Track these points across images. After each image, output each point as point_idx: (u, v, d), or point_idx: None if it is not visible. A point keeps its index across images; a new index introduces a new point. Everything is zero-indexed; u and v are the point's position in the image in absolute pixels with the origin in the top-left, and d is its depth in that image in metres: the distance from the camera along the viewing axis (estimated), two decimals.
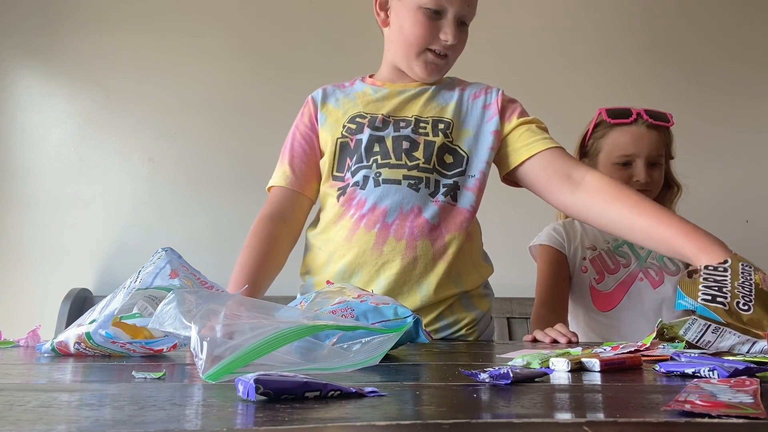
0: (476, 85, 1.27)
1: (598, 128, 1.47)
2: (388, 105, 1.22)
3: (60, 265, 2.00)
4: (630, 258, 1.42)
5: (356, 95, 1.26)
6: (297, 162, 1.24)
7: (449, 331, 1.16)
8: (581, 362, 0.61)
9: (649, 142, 1.42)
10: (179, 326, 0.60)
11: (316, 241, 1.21)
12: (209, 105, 2.07)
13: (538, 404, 0.42)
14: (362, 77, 1.31)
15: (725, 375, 0.53)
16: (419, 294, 1.12)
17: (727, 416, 0.36)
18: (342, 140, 1.21)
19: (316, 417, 0.37)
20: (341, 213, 1.17)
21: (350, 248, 1.14)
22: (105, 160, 2.06)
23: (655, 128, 1.43)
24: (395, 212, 1.13)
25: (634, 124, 1.43)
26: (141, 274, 0.80)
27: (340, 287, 0.90)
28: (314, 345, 0.61)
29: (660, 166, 1.44)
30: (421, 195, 1.14)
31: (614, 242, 1.44)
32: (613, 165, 1.43)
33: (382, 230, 1.12)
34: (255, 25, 2.12)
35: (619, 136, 1.43)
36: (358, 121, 1.21)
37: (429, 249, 1.13)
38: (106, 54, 2.08)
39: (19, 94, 2.08)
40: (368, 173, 1.16)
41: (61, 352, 0.78)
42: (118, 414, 0.39)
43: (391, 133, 1.18)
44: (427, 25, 1.16)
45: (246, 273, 1.13)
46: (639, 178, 1.40)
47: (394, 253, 1.12)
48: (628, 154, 1.42)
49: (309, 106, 1.28)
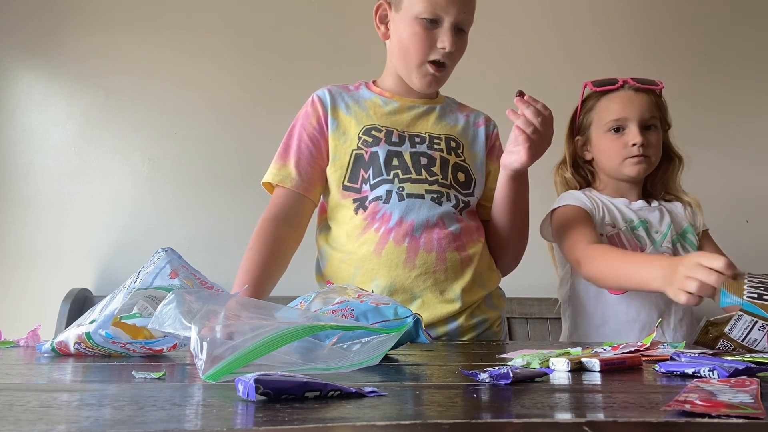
0: (477, 113, 1.34)
1: (587, 102, 1.42)
2: (401, 120, 1.25)
3: (60, 265, 2.00)
4: (645, 242, 1.34)
5: (367, 104, 1.26)
6: (304, 164, 1.23)
7: (482, 329, 1.19)
8: (581, 362, 0.61)
9: (639, 104, 1.35)
10: (179, 327, 0.60)
11: (335, 252, 1.21)
12: (209, 105, 2.07)
13: (538, 404, 0.42)
14: (366, 83, 1.31)
15: (725, 375, 0.53)
16: (454, 302, 1.15)
17: (727, 416, 0.36)
18: (357, 152, 1.21)
19: (316, 417, 0.37)
20: (364, 226, 1.17)
21: (380, 263, 1.14)
22: (105, 160, 2.06)
23: (643, 92, 1.37)
24: (422, 226, 1.16)
25: (621, 89, 1.37)
26: (141, 274, 0.80)
27: (341, 287, 0.90)
28: (314, 345, 0.61)
29: (656, 130, 1.37)
30: (444, 208, 1.18)
31: (631, 223, 1.36)
32: (606, 134, 1.37)
33: (412, 243, 1.15)
34: (255, 25, 2.12)
35: (608, 103, 1.38)
36: (374, 134, 1.21)
37: (457, 259, 1.17)
38: (106, 54, 2.08)
39: (19, 94, 2.08)
40: (391, 188, 1.18)
41: (61, 352, 0.78)
42: (118, 414, 0.39)
43: (408, 148, 1.21)
44: (424, 36, 1.17)
45: (251, 275, 1.13)
46: (634, 140, 1.32)
47: (427, 265, 1.15)
48: (619, 118, 1.35)
49: (317, 107, 1.26)
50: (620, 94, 1.37)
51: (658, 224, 1.36)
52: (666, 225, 1.36)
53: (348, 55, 2.04)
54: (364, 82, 1.32)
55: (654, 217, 1.37)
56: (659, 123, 1.38)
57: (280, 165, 1.24)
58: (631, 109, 1.35)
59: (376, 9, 1.24)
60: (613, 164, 1.36)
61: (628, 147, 1.33)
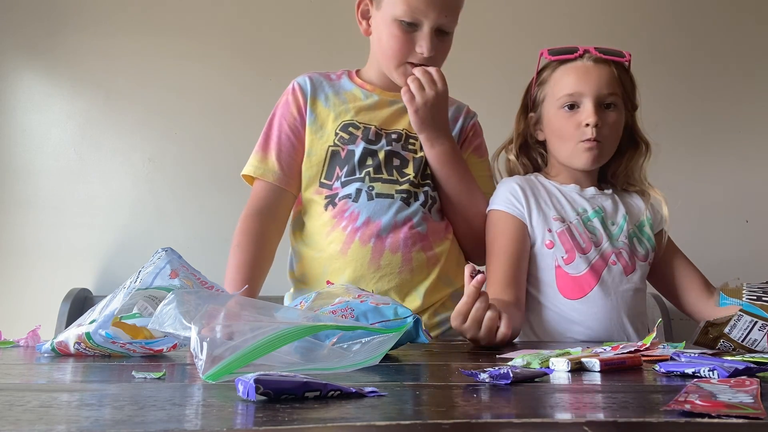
0: (457, 108, 1.30)
1: (542, 73, 1.23)
2: (379, 115, 1.23)
3: (60, 265, 1.99)
4: (601, 235, 1.16)
5: (347, 97, 1.24)
6: (285, 157, 1.21)
7: (446, 326, 1.17)
8: (581, 362, 0.61)
9: (597, 78, 1.16)
10: (179, 327, 0.60)
11: (306, 249, 1.21)
12: (209, 105, 2.07)
13: (538, 404, 0.42)
14: (349, 73, 1.30)
15: (725, 375, 0.53)
16: (417, 302, 1.15)
17: (727, 416, 0.36)
18: (334, 148, 1.20)
19: (316, 417, 0.37)
20: (333, 224, 1.17)
21: (347, 262, 1.14)
22: (105, 160, 2.06)
23: (605, 63, 1.18)
24: (389, 227, 1.15)
25: (580, 59, 1.18)
26: (141, 274, 0.80)
27: (341, 287, 0.90)
28: (314, 345, 0.61)
29: (616, 110, 1.17)
30: (413, 208, 1.17)
31: (584, 213, 1.18)
32: (558, 111, 1.18)
33: (378, 244, 1.14)
34: (255, 25, 2.12)
35: (562, 75, 1.19)
36: (351, 131, 1.20)
37: (423, 258, 1.16)
38: (106, 54, 2.08)
39: (19, 94, 2.08)
40: (361, 186, 1.17)
41: (61, 352, 0.78)
42: (118, 414, 0.39)
43: (384, 146, 1.20)
44: (402, 39, 1.14)
45: (242, 273, 1.13)
46: (588, 119, 1.13)
47: (392, 266, 1.14)
48: (573, 93, 1.16)
49: (297, 96, 1.24)
50: (577, 64, 1.18)
51: (613, 213, 1.20)
52: (621, 216, 1.20)
53: (348, 55, 2.03)
54: (347, 71, 1.30)
55: (608, 205, 1.20)
56: (621, 102, 1.19)
57: (260, 157, 1.22)
58: (587, 82, 1.16)
59: (358, 4, 1.23)
60: (564, 148, 1.18)
61: (581, 127, 1.15)
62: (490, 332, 0.90)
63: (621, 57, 1.19)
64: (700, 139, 2.08)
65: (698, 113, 2.09)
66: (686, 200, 2.04)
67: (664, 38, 2.13)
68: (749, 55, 2.13)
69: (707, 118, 2.10)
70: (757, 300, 0.76)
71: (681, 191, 2.04)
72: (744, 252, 1.98)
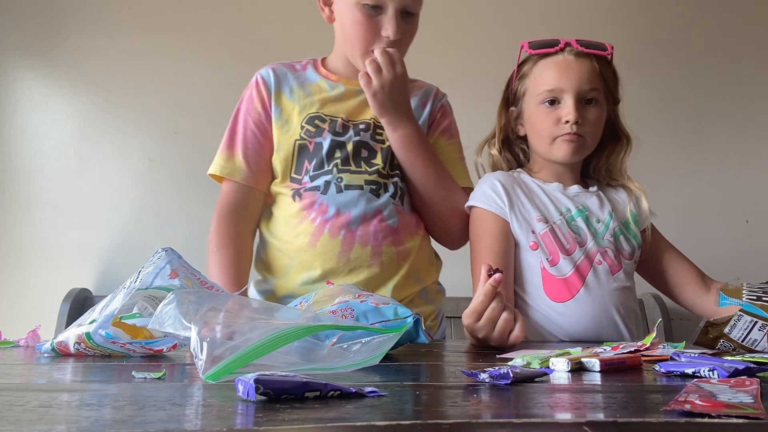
0: (426, 91, 1.27)
1: (523, 66, 1.22)
2: (345, 106, 1.20)
3: (60, 265, 1.99)
4: (585, 235, 1.14)
5: (312, 89, 1.21)
6: (251, 154, 1.19)
7: None
8: (581, 362, 0.61)
9: (578, 73, 1.14)
10: (179, 327, 0.60)
11: (273, 239, 1.19)
12: (209, 105, 2.07)
13: (538, 404, 0.42)
14: (314, 62, 1.27)
15: (725, 375, 0.53)
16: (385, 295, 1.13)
17: (727, 416, 0.36)
18: (300, 142, 1.17)
19: (316, 417, 0.37)
20: (302, 216, 1.15)
21: (316, 255, 1.12)
22: (105, 160, 2.06)
23: (586, 57, 1.16)
24: (359, 219, 1.13)
25: (560, 53, 1.16)
26: (141, 274, 0.80)
27: (341, 287, 0.90)
28: (314, 345, 0.61)
29: (598, 105, 1.16)
30: (383, 199, 1.15)
31: (568, 212, 1.16)
32: (539, 107, 1.16)
33: (347, 237, 1.12)
34: (255, 24, 2.12)
35: (543, 70, 1.17)
36: (317, 124, 1.18)
37: (393, 253, 1.14)
38: (106, 54, 2.08)
39: (19, 94, 2.08)
40: (330, 178, 1.15)
41: (61, 352, 0.78)
42: (118, 414, 0.39)
43: (352, 137, 1.17)
44: (367, 25, 1.11)
45: (228, 274, 1.13)
46: (568, 116, 1.12)
47: (361, 259, 1.12)
48: (553, 88, 1.14)
49: (261, 90, 1.21)
50: (558, 59, 1.16)
51: (598, 211, 1.18)
52: (607, 213, 1.18)
53: None
54: (312, 60, 1.27)
55: (593, 203, 1.19)
56: (603, 96, 1.17)
57: (227, 156, 1.20)
58: (567, 77, 1.14)
59: None
60: (544, 143, 1.17)
61: (561, 124, 1.13)
62: (503, 334, 0.89)
63: (603, 50, 1.17)
64: (700, 138, 2.08)
65: (698, 113, 2.09)
66: (686, 200, 2.05)
67: (667, 37, 2.13)
68: (751, 54, 2.13)
69: (707, 118, 2.10)
70: (757, 300, 0.76)
71: (681, 191, 2.04)
72: (744, 252, 1.98)
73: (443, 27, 2.01)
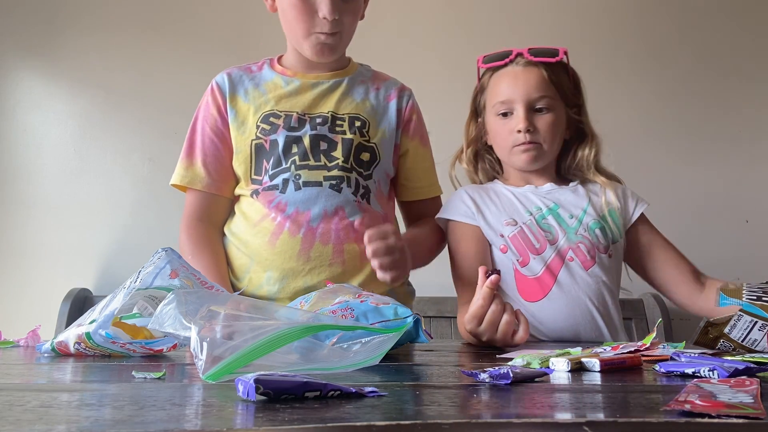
0: (391, 84, 1.25)
1: (482, 79, 1.24)
2: (301, 100, 1.18)
3: (60, 265, 2.00)
4: (556, 232, 1.15)
5: (267, 87, 1.19)
6: (211, 161, 1.17)
7: None
8: (581, 362, 0.61)
9: (525, 83, 1.16)
10: (179, 327, 0.60)
11: (233, 238, 1.17)
12: None
13: (538, 404, 0.42)
14: (270, 61, 1.25)
15: (725, 375, 0.53)
16: None
17: (727, 416, 0.36)
18: (256, 142, 1.15)
19: (316, 417, 0.37)
20: (262, 214, 1.13)
21: (275, 254, 1.10)
22: (105, 160, 2.06)
23: (534, 66, 1.17)
24: (319, 216, 1.11)
25: (511, 65, 1.19)
26: (141, 274, 0.80)
27: (341, 287, 0.90)
28: (314, 345, 0.61)
29: (551, 111, 1.17)
30: (344, 196, 1.13)
31: (539, 211, 1.17)
32: (495, 118, 1.19)
33: (308, 235, 1.10)
34: (255, 23, 2.12)
35: (496, 83, 1.20)
36: (272, 121, 1.15)
37: (356, 251, 1.11)
38: (106, 54, 2.08)
39: (19, 94, 2.08)
40: (288, 176, 1.12)
41: (61, 352, 0.78)
42: (118, 414, 0.39)
43: (308, 131, 1.14)
44: (302, 7, 1.09)
45: (212, 276, 1.09)
46: (518, 126, 1.14)
47: (322, 258, 1.10)
48: (504, 100, 1.17)
49: (216, 96, 1.20)
50: (507, 71, 1.19)
51: (572, 206, 1.18)
52: (582, 208, 1.18)
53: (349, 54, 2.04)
54: (268, 59, 1.26)
55: (567, 198, 1.19)
56: (556, 102, 1.18)
57: (186, 165, 1.19)
58: (515, 89, 1.16)
59: None
60: (504, 153, 1.20)
61: (514, 133, 1.16)
62: (506, 336, 0.89)
63: (553, 56, 1.19)
64: (700, 139, 2.08)
65: (699, 113, 2.09)
66: (686, 200, 2.05)
67: (667, 41, 2.13)
68: (751, 56, 2.13)
69: (708, 118, 2.10)
70: (757, 300, 0.76)
71: (681, 191, 2.05)
72: (744, 252, 1.98)
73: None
